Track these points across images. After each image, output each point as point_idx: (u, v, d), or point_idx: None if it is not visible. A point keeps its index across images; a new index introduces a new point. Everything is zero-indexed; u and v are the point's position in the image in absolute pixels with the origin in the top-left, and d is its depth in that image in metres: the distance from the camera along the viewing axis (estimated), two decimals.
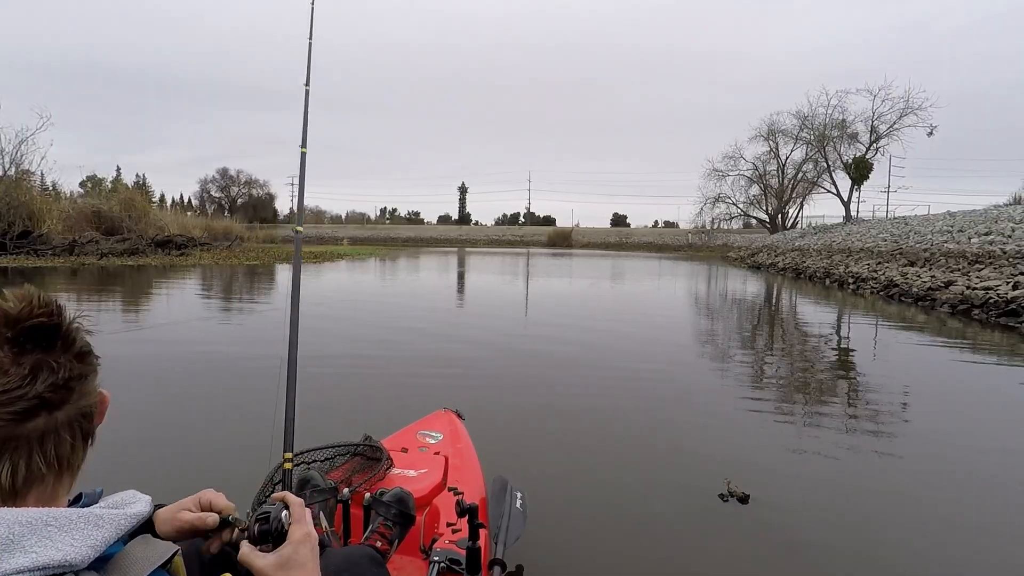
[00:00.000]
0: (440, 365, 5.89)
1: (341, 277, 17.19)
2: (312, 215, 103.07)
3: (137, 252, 22.18)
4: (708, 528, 2.63)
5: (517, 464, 3.07)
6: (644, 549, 2.46)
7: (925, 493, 3.06)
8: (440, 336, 7.62)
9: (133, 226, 25.65)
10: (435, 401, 3.14)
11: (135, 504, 0.75)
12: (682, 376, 5.71)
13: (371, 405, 4.46)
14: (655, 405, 4.62)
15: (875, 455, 3.55)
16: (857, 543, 2.49)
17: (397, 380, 5.23)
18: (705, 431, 3.99)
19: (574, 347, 6.91)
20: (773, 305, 12.90)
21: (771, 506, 2.79)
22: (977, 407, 4.76)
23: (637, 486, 3.08)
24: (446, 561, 1.60)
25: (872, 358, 6.92)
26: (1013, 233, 14.42)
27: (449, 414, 2.77)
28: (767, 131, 43.75)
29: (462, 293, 14.11)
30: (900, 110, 36.68)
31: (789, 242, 31.18)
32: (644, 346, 7.25)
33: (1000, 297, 9.50)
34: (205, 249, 26.46)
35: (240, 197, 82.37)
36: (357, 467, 1.96)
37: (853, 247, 21.73)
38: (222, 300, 11.27)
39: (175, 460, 3.32)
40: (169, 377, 5.16)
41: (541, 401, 4.65)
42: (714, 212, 47.58)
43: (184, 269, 17.72)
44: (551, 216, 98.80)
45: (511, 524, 1.92)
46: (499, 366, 5.97)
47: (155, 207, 35.49)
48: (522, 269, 22.76)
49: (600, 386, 5.14)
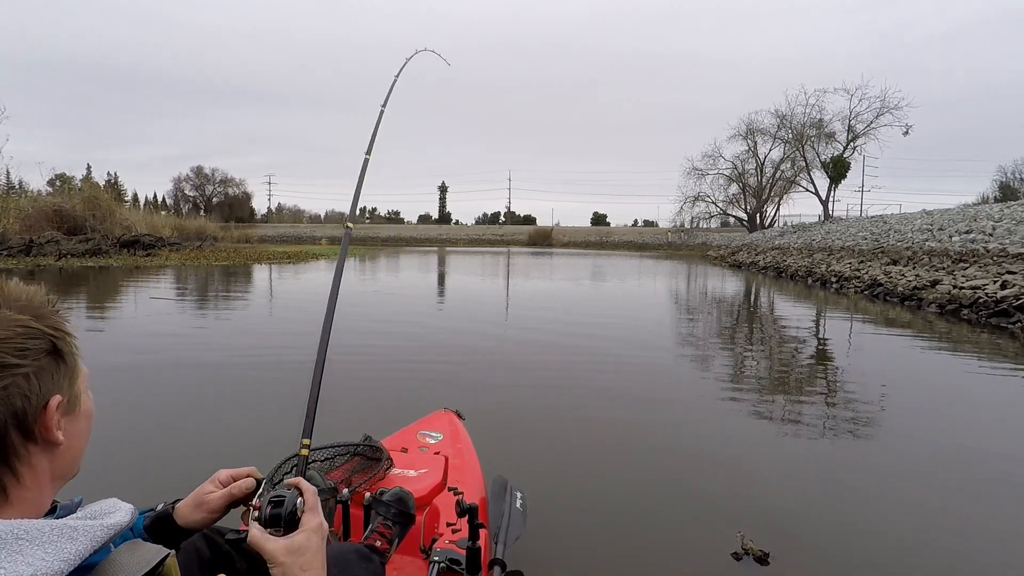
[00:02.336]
0: (439, 365, 5.91)
1: (321, 279, 16.61)
2: (290, 214, 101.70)
3: (100, 252, 21.25)
4: (707, 526, 2.64)
5: (517, 464, 3.08)
6: (644, 549, 2.47)
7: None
8: (439, 336, 7.62)
9: (97, 225, 24.62)
10: (435, 401, 3.11)
11: (115, 514, 0.72)
12: (682, 376, 5.72)
13: (371, 405, 4.45)
14: (655, 405, 4.65)
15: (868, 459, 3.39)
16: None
17: (397, 380, 5.23)
18: (704, 431, 4.01)
19: (572, 347, 6.92)
20: (765, 306, 12.68)
21: (773, 510, 2.79)
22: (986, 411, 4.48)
23: (637, 486, 3.09)
24: (446, 561, 1.60)
25: (868, 362, 6.64)
26: (994, 231, 14.37)
27: (449, 414, 2.76)
28: (745, 130, 44.00)
29: (449, 294, 13.72)
30: (876, 109, 37.07)
31: (769, 241, 31.20)
32: (642, 345, 7.25)
33: (989, 297, 9.32)
34: (174, 249, 25.56)
35: (216, 196, 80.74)
36: (357, 467, 1.95)
37: (833, 246, 21.70)
38: (196, 302, 10.65)
39: (169, 459, 3.37)
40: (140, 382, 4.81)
41: (541, 401, 4.66)
42: (694, 211, 47.74)
43: (149, 270, 16.95)
44: (531, 215, 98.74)
45: (511, 524, 1.94)
46: (498, 366, 5.97)
47: (124, 206, 34.20)
48: (505, 269, 22.41)
49: (600, 386, 5.16)
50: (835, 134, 39.11)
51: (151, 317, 8.80)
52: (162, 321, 8.42)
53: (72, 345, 0.73)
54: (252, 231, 54.61)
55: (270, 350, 6.44)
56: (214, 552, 1.04)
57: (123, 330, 7.84)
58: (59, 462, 0.72)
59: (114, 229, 25.33)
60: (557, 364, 6.07)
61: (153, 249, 23.97)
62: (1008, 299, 8.85)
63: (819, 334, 8.66)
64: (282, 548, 0.82)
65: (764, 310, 11.87)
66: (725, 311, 11.37)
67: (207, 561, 1.00)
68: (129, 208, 38.46)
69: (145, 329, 7.77)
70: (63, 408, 0.71)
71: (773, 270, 21.93)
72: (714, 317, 10.38)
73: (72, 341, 0.73)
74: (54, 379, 0.70)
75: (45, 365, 0.69)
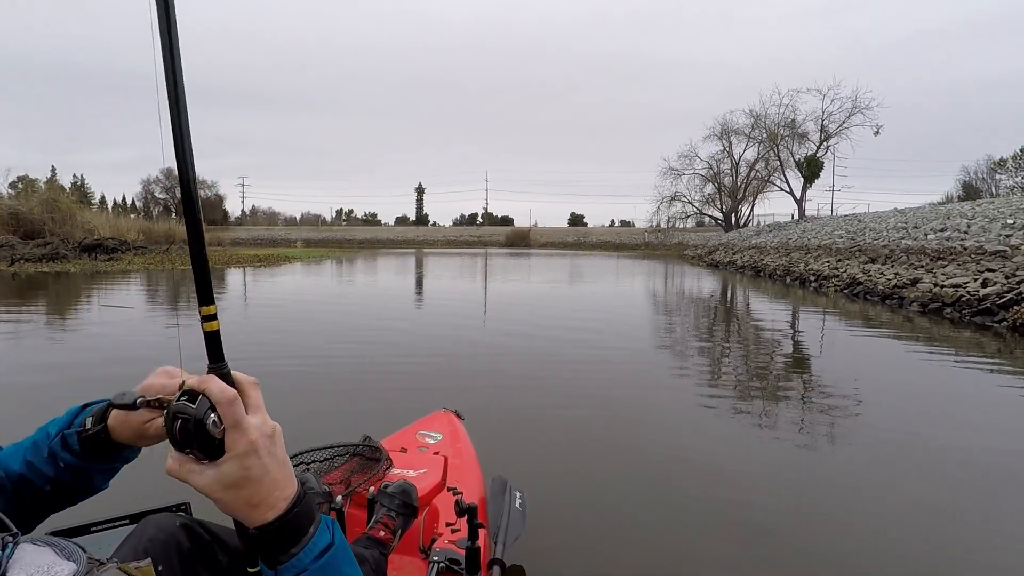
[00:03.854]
0: (439, 365, 5.95)
1: (298, 281, 16.04)
2: (265, 217, 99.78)
3: (59, 257, 20.35)
4: (705, 528, 2.64)
5: (517, 464, 3.07)
6: (644, 549, 2.47)
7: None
8: (439, 337, 7.66)
9: (56, 229, 23.64)
10: (434, 401, 3.08)
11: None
12: (681, 377, 5.71)
13: (370, 406, 4.43)
14: (655, 405, 4.66)
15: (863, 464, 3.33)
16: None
17: (396, 381, 5.20)
18: (703, 431, 4.02)
19: (572, 346, 6.94)
20: (750, 308, 12.51)
21: (766, 509, 2.82)
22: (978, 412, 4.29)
23: (638, 485, 3.11)
24: (445, 561, 1.59)
25: (851, 360, 6.44)
26: (969, 229, 14.42)
27: (448, 414, 2.74)
28: (720, 130, 44.26)
29: (427, 295, 13.32)
30: (848, 110, 37.51)
31: (745, 240, 31.29)
32: (640, 345, 7.30)
33: (971, 295, 9.23)
34: (139, 253, 24.67)
35: None
36: (356, 467, 1.93)
37: (810, 244, 21.74)
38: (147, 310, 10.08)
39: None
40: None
41: (541, 401, 4.65)
42: (671, 211, 47.81)
43: (110, 276, 16.20)
44: (509, 216, 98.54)
45: (511, 524, 1.93)
46: (497, 366, 5.96)
47: (87, 208, 32.87)
48: (484, 271, 22.06)
49: (600, 386, 5.16)
50: (808, 134, 39.56)
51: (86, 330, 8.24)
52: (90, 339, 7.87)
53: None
54: (225, 234, 53.38)
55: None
56: (194, 543, 0.97)
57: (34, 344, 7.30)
58: None
59: (75, 233, 24.36)
60: (557, 364, 6.07)
61: (116, 253, 23.07)
62: (991, 297, 8.75)
63: (813, 335, 8.50)
64: (212, 482, 0.63)
65: (750, 311, 11.73)
66: (713, 312, 11.20)
67: (187, 553, 0.93)
68: (97, 211, 36.95)
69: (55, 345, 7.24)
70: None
71: (751, 269, 21.93)
72: (705, 318, 10.21)
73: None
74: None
75: None
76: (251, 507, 0.64)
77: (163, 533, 0.94)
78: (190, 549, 0.95)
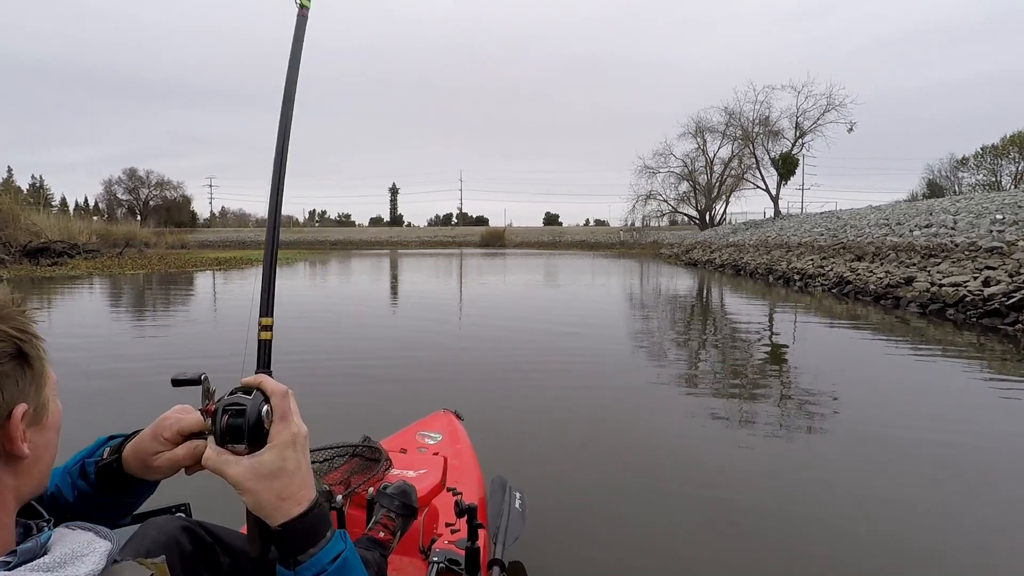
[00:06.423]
0: (439, 365, 5.97)
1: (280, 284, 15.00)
2: (235, 218, 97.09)
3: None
4: (705, 527, 2.61)
5: (517, 464, 3.07)
6: (644, 549, 2.44)
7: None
8: (437, 336, 7.69)
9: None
10: (434, 402, 3.02)
11: (85, 559, 0.59)
12: (680, 376, 5.71)
13: (370, 406, 4.44)
14: (655, 405, 4.66)
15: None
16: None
17: (396, 381, 5.22)
18: (702, 431, 3.97)
19: (572, 347, 6.95)
20: (740, 309, 11.89)
21: (764, 510, 2.77)
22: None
23: (638, 484, 3.07)
24: (445, 561, 1.59)
25: (854, 364, 5.76)
26: (956, 225, 13.98)
27: (448, 415, 2.71)
28: (695, 128, 43.91)
29: (429, 297, 12.40)
30: (823, 107, 37.42)
31: (722, 238, 30.91)
32: (641, 346, 7.31)
33: (975, 295, 8.63)
34: (89, 257, 23.21)
35: (152, 200, 76.13)
36: (355, 468, 1.86)
37: (790, 242, 21.30)
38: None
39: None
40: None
41: (540, 401, 4.66)
42: (646, 209, 47.35)
43: (46, 284, 14.89)
44: (484, 216, 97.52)
45: (510, 524, 1.94)
46: (496, 366, 5.97)
47: (34, 210, 30.87)
48: (458, 271, 21.22)
49: (599, 386, 5.19)
50: (783, 131, 39.42)
51: None
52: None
53: (40, 349, 0.65)
54: (190, 236, 51.57)
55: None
56: (195, 545, 0.96)
57: None
58: (25, 478, 0.64)
59: (18, 236, 22.78)
60: (557, 364, 6.05)
61: (63, 258, 21.63)
62: (997, 297, 8.15)
63: (814, 335, 7.90)
64: (247, 471, 0.68)
65: (739, 312, 11.11)
66: (701, 312, 10.56)
67: (189, 555, 0.93)
68: (50, 213, 34.83)
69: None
70: (29, 418, 0.63)
71: (731, 268, 21.44)
72: (693, 319, 9.60)
73: (40, 345, 0.65)
74: (19, 386, 0.62)
75: (9, 371, 0.61)
76: (280, 500, 0.69)
77: (165, 535, 0.92)
78: (192, 551, 0.93)
